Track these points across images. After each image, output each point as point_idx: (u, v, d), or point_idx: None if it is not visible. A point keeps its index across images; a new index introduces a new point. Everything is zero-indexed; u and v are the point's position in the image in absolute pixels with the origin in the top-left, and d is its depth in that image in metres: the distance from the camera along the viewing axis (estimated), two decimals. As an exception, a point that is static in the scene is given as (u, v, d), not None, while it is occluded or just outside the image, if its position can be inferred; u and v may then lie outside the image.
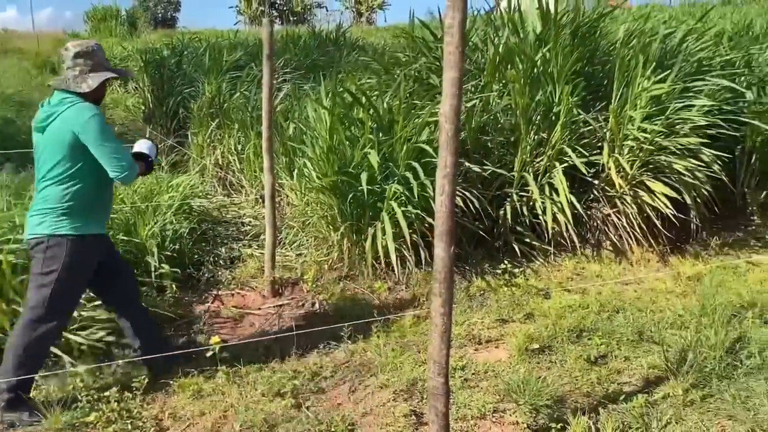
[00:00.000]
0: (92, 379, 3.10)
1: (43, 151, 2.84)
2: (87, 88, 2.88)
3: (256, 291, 4.27)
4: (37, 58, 21.72)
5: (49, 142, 2.80)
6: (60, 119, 2.79)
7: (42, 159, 2.84)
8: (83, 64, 2.91)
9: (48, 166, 2.81)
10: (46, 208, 2.81)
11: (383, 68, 5.85)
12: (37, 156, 2.89)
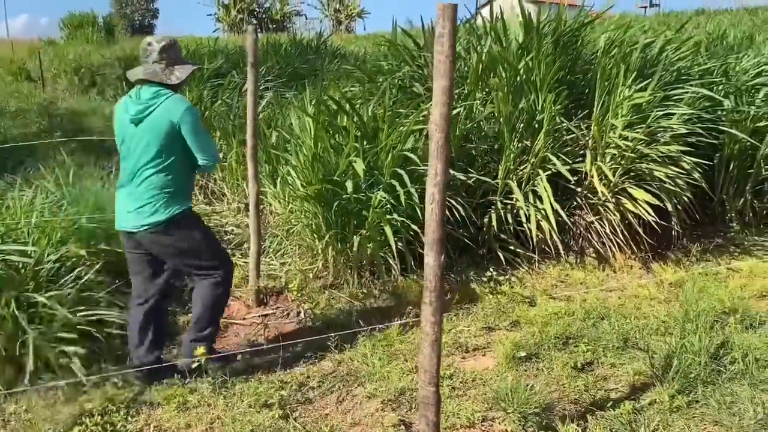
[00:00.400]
0: (74, 392, 3.03)
1: (139, 142, 2.97)
2: (176, 80, 3.04)
3: (240, 300, 4.22)
4: (11, 65, 21.41)
5: (148, 132, 2.95)
6: (160, 110, 2.94)
7: (139, 149, 2.97)
8: (168, 58, 3.03)
9: (149, 155, 2.96)
10: (154, 195, 2.99)
11: (366, 76, 5.85)
12: (131, 146, 3.00)
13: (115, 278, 3.87)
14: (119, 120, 3.05)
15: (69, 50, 20.13)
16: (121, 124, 3.04)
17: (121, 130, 3.05)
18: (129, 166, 3.03)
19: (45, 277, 3.45)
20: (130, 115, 2.97)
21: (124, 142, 3.04)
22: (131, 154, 3.01)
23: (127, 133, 3.01)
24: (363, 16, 41.74)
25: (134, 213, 3.01)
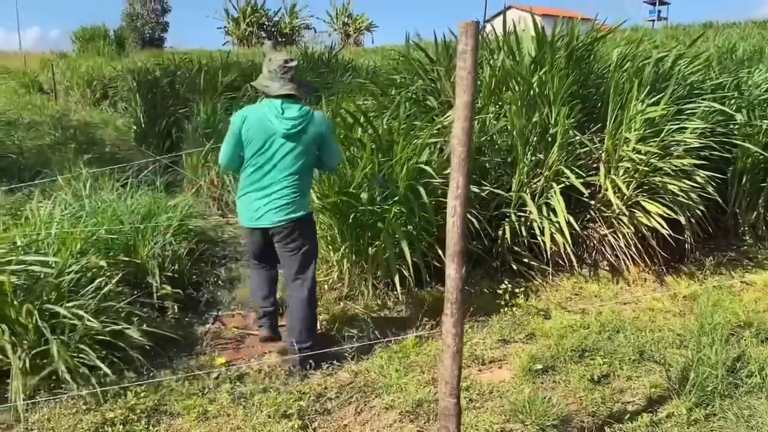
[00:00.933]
0: (96, 401, 3.06)
1: (291, 151, 3.35)
2: (305, 96, 3.53)
3: (257, 312, 4.25)
4: (24, 78, 21.66)
5: (303, 142, 3.37)
6: (312, 123, 3.38)
7: (290, 157, 3.36)
8: (296, 76, 3.44)
9: (299, 162, 3.39)
10: (297, 195, 3.42)
11: (380, 90, 5.91)
12: (279, 155, 3.35)
13: (134, 289, 3.91)
14: (262, 130, 3.33)
15: (81, 63, 20.36)
16: (265, 134, 3.33)
17: (264, 140, 3.34)
18: (273, 171, 3.37)
19: (66, 287, 3.49)
20: (284, 128, 3.31)
21: (268, 150, 3.35)
22: (279, 161, 3.36)
23: (274, 143, 3.34)
24: (371, 30, 41.99)
25: (278, 212, 3.39)
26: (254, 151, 3.36)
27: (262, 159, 3.36)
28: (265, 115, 3.33)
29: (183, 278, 4.40)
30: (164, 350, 3.63)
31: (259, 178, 3.39)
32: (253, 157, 3.37)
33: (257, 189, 3.41)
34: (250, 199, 3.44)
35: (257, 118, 3.35)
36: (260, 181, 3.39)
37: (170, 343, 3.70)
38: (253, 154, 3.37)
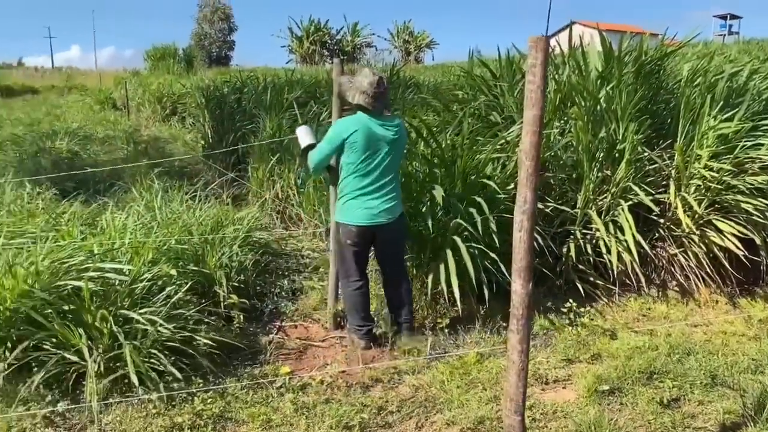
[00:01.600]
0: (165, 405, 3.16)
1: (393, 156, 3.80)
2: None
3: (318, 323, 4.31)
4: (99, 95, 22.73)
5: (398, 148, 3.84)
6: (402, 132, 3.86)
7: (390, 161, 3.79)
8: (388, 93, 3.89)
9: (397, 165, 3.89)
10: (397, 193, 3.90)
11: (443, 106, 5.93)
12: (384, 159, 3.75)
13: (201, 298, 4.03)
14: (370, 136, 3.68)
15: (152, 80, 21.24)
16: (373, 140, 3.69)
17: (372, 146, 3.70)
18: (379, 173, 3.75)
19: (139, 294, 3.64)
20: (390, 135, 3.74)
21: (377, 154, 3.72)
22: (386, 164, 3.76)
23: (379, 149, 3.72)
24: (432, 47, 42.22)
25: (390, 209, 3.82)
26: (362, 157, 3.69)
27: (371, 163, 3.71)
28: (371, 124, 3.70)
29: (248, 288, 4.51)
30: (230, 358, 3.72)
31: (371, 181, 3.74)
32: (361, 162, 3.70)
33: (372, 190, 3.76)
34: (364, 199, 3.77)
35: (364, 126, 3.68)
36: (372, 182, 3.75)
37: (235, 351, 3.79)
38: (361, 159, 3.69)
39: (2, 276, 3.43)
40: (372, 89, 3.70)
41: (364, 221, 3.79)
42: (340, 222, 3.88)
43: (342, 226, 3.87)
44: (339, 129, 3.74)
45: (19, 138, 10.70)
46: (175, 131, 14.80)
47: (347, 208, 3.81)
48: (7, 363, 3.20)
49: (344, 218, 3.84)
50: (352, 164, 3.72)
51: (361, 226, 3.79)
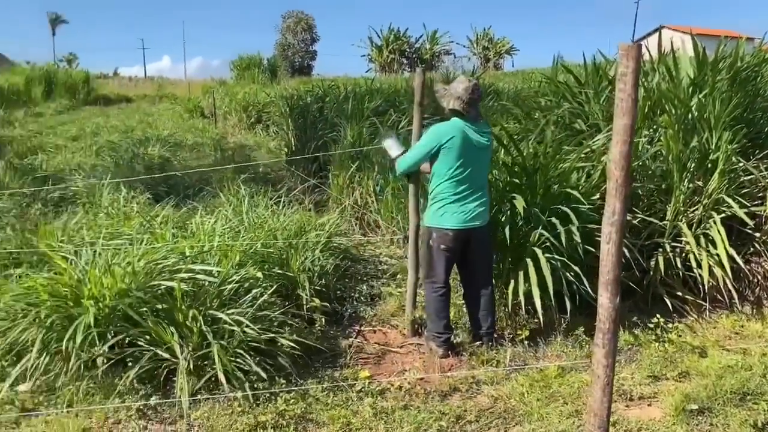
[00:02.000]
0: (249, 404, 3.26)
1: (484, 160, 3.92)
2: None
3: (396, 329, 4.34)
4: (188, 104, 23.75)
5: (488, 154, 3.95)
6: (490, 138, 3.92)
7: (481, 166, 3.90)
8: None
9: (487, 169, 4.02)
10: (487, 197, 3.98)
11: (524, 113, 5.85)
12: (477, 164, 3.84)
13: (285, 300, 4.14)
14: (466, 141, 3.76)
15: (238, 90, 22.04)
16: (467, 146, 3.76)
17: (466, 152, 3.77)
18: (473, 178, 3.83)
19: (227, 296, 3.78)
20: (484, 140, 3.84)
21: (471, 159, 3.79)
22: (480, 168, 3.87)
23: (472, 154, 3.79)
24: (512, 54, 41.72)
25: (483, 213, 3.90)
26: (459, 162, 3.76)
27: (466, 168, 3.78)
28: (467, 130, 3.76)
29: (329, 292, 4.60)
30: (311, 360, 3.81)
31: (466, 186, 3.81)
32: (457, 168, 3.76)
33: (467, 195, 3.83)
34: (459, 204, 3.82)
35: (461, 131, 3.75)
36: (468, 187, 3.82)
37: (316, 353, 3.88)
38: (457, 164, 3.76)
39: (102, 275, 3.65)
40: (467, 95, 3.77)
41: (459, 225, 3.82)
42: (433, 226, 3.90)
43: (435, 230, 3.88)
44: (437, 134, 3.78)
45: (115, 144, 11.36)
46: (260, 139, 15.29)
47: (442, 212, 3.84)
48: (105, 357, 3.40)
49: (439, 222, 3.86)
50: (449, 169, 3.77)
51: (456, 229, 3.82)
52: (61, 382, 3.36)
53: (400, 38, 40.02)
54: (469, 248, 3.95)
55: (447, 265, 3.95)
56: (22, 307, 3.61)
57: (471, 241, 3.92)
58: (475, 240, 3.93)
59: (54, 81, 28.99)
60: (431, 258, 3.96)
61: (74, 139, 13.54)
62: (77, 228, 5.01)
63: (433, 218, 3.91)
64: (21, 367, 3.35)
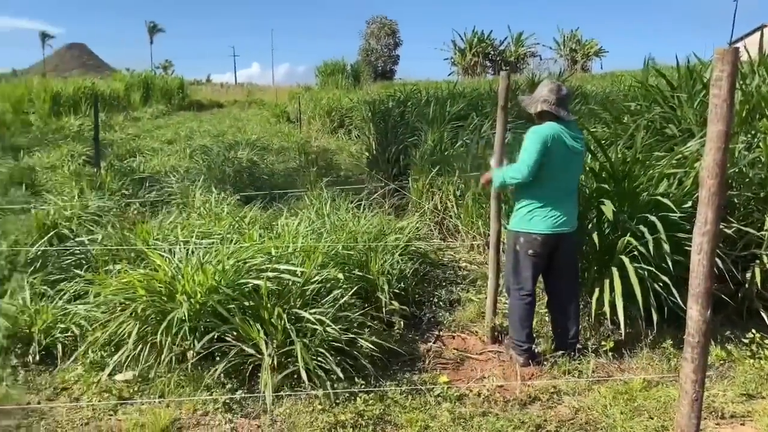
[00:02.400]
0: (330, 402, 3.34)
1: (576, 166, 3.84)
2: None
3: (476, 336, 4.32)
4: (275, 109, 24.48)
5: (581, 158, 3.87)
6: (584, 143, 3.85)
7: (573, 171, 3.83)
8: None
9: (579, 174, 3.93)
10: (577, 202, 3.93)
11: (612, 117, 5.69)
12: (569, 168, 3.78)
13: (364, 302, 4.21)
14: (562, 146, 3.69)
15: (322, 95, 22.53)
16: (561, 150, 3.70)
17: (560, 156, 3.70)
18: (564, 182, 3.78)
19: (310, 295, 3.89)
20: (579, 145, 3.76)
21: (565, 164, 3.73)
22: (571, 174, 3.81)
23: (566, 159, 3.72)
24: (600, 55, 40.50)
25: (572, 218, 3.83)
26: (554, 166, 3.69)
27: (560, 172, 3.73)
28: (562, 133, 3.70)
29: (408, 296, 4.64)
30: (389, 362, 3.85)
31: (558, 190, 3.76)
32: (551, 171, 3.70)
33: (560, 199, 3.77)
34: (550, 208, 3.76)
35: (558, 135, 3.69)
36: (558, 191, 3.76)
37: (395, 356, 3.92)
38: (552, 168, 3.69)
39: (194, 272, 3.84)
40: (553, 95, 3.73)
41: (549, 230, 3.75)
42: (521, 231, 3.83)
43: (524, 235, 3.82)
44: (541, 135, 3.68)
45: (207, 148, 11.86)
46: (342, 143, 15.58)
47: (531, 216, 3.78)
48: (195, 351, 3.57)
49: (528, 227, 3.80)
50: (543, 173, 3.70)
51: (546, 234, 3.75)
52: (155, 374, 3.56)
53: (484, 41, 39.69)
54: (556, 255, 3.86)
55: (534, 271, 3.87)
56: (121, 301, 3.85)
57: (559, 247, 3.83)
58: (564, 246, 3.84)
59: (151, 87, 30.62)
60: (517, 264, 3.89)
61: (169, 142, 14.25)
62: (172, 227, 5.28)
63: (521, 222, 3.84)
64: (119, 358, 3.57)
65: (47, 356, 3.82)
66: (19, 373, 3.65)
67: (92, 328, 3.86)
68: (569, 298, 3.95)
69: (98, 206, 6.43)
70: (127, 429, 3.12)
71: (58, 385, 3.56)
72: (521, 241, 3.83)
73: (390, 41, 46.53)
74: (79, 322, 3.92)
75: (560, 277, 3.96)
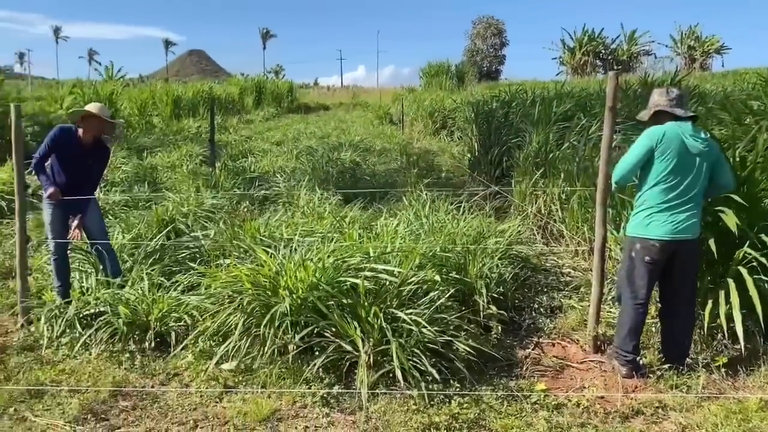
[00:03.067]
0: (424, 403, 3.35)
1: (698, 168, 3.60)
2: None
3: (577, 344, 4.18)
4: (378, 111, 24.83)
5: (705, 161, 3.60)
6: (712, 146, 3.63)
7: (696, 174, 3.59)
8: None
9: (701, 178, 3.62)
10: (698, 209, 3.66)
11: (732, 118, 5.32)
12: (692, 171, 3.59)
13: (461, 305, 4.18)
14: (680, 147, 3.56)
15: (425, 96, 22.63)
16: (681, 151, 3.56)
17: (679, 157, 3.57)
18: (685, 186, 3.59)
19: (406, 296, 3.92)
20: (701, 146, 3.57)
21: (684, 166, 3.57)
22: (692, 177, 3.58)
23: (684, 160, 3.57)
24: (722, 53, 37.95)
25: (694, 225, 3.62)
26: (670, 168, 3.56)
27: (678, 175, 3.57)
28: (681, 134, 3.57)
29: (506, 301, 4.56)
30: (486, 367, 3.81)
31: (678, 193, 3.58)
32: (668, 173, 3.57)
33: (678, 204, 3.59)
34: (669, 213, 3.60)
35: (675, 136, 3.57)
36: (679, 195, 3.58)
37: (491, 360, 3.87)
38: (669, 170, 3.56)
39: (296, 269, 3.98)
40: (664, 98, 3.67)
41: (667, 236, 3.59)
42: (637, 237, 3.69)
43: (641, 240, 3.67)
44: (649, 137, 3.60)
45: (312, 149, 12.24)
46: (444, 144, 15.57)
47: (649, 221, 3.64)
48: (295, 345, 3.69)
49: (644, 232, 3.65)
50: (660, 175, 3.58)
51: (663, 241, 3.59)
52: (258, 364, 3.72)
53: (595, 39, 38.27)
54: (674, 262, 3.66)
55: (649, 280, 3.69)
56: (229, 294, 4.06)
57: (678, 255, 3.63)
58: (683, 254, 3.64)
59: (263, 91, 32.00)
60: (632, 271, 3.72)
61: (278, 143, 14.83)
62: (277, 225, 5.50)
63: (638, 227, 3.69)
64: (225, 348, 3.76)
65: (161, 343, 4.09)
66: (137, 357, 3.93)
67: (202, 318, 4.09)
68: (685, 310, 3.75)
69: (212, 203, 6.81)
70: (231, 416, 3.28)
71: (170, 371, 3.80)
72: (637, 248, 3.68)
73: (496, 41, 45.89)
74: (191, 312, 4.17)
75: (677, 287, 3.74)
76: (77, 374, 3.75)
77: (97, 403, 3.41)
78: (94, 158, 4.67)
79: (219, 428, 3.19)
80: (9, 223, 7.00)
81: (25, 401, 3.45)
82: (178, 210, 6.33)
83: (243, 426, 3.21)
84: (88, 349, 4.03)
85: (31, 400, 3.46)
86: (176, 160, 10.94)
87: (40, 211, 6.90)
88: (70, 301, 4.40)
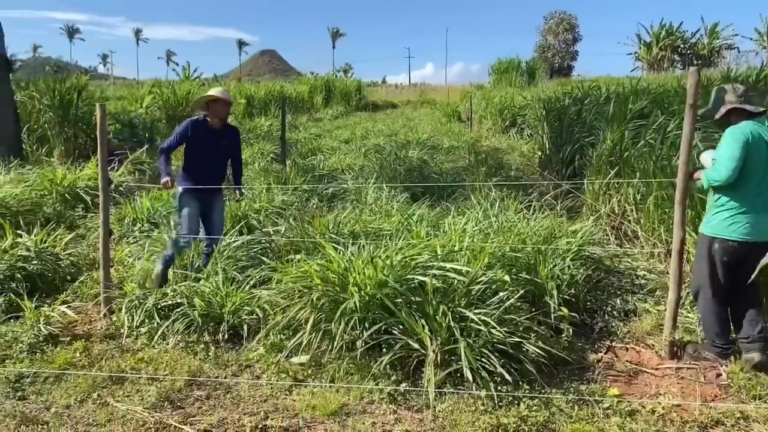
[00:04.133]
0: (492, 404, 3.31)
1: None
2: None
3: (652, 349, 4.04)
4: (446, 108, 24.70)
5: None
6: None
7: None
8: None
9: None
10: None
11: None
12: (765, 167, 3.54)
13: (531, 307, 4.11)
14: (758, 146, 3.51)
15: (494, 93, 22.33)
16: (763, 151, 3.51)
17: (760, 156, 3.51)
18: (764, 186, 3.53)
19: (474, 296, 3.88)
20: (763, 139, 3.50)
21: (763, 166, 3.52)
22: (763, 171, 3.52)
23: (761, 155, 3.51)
24: (812, 45, 35.70)
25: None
26: (756, 167, 3.50)
27: (760, 174, 3.51)
28: (762, 133, 3.52)
29: (578, 303, 4.45)
30: (556, 370, 3.73)
31: (761, 194, 3.53)
32: (754, 173, 3.51)
33: (761, 204, 3.53)
34: (752, 213, 3.54)
35: (757, 134, 3.51)
36: (761, 196, 3.53)
37: (562, 363, 3.78)
38: (754, 169, 3.50)
39: (365, 266, 4.01)
40: (734, 95, 3.60)
41: (747, 238, 3.53)
42: (717, 236, 3.63)
43: (720, 241, 3.61)
44: (741, 134, 3.51)
45: (380, 147, 12.30)
46: (513, 142, 15.33)
47: (730, 222, 3.57)
48: (363, 341, 3.73)
49: (725, 233, 3.59)
50: (744, 175, 3.50)
51: (743, 242, 3.53)
52: (327, 359, 3.77)
53: (673, 33, 36.76)
54: (749, 259, 3.57)
55: (726, 276, 3.64)
56: (299, 289, 4.14)
57: (753, 254, 3.54)
58: (759, 253, 3.53)
59: (332, 89, 32.39)
60: (710, 271, 3.67)
61: (346, 141, 14.99)
62: (346, 221, 5.56)
63: (718, 227, 3.62)
64: (295, 342, 3.83)
65: (234, 335, 4.21)
66: (210, 348, 4.06)
67: (273, 312, 4.18)
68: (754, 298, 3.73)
69: (283, 200, 6.96)
70: (300, 409, 3.34)
71: (242, 362, 3.91)
72: (716, 247, 3.61)
73: (568, 36, 44.82)
74: (262, 306, 4.27)
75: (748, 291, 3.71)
76: (155, 363, 3.91)
77: (173, 392, 3.55)
78: (228, 138, 5.05)
79: (289, 420, 3.25)
80: (93, 217, 7.36)
81: (106, 387, 3.62)
82: (250, 206, 6.50)
83: (312, 419, 3.26)
84: (166, 339, 4.19)
85: (113, 386, 3.63)
86: (249, 158, 11.22)
87: (122, 206, 7.25)
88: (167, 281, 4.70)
